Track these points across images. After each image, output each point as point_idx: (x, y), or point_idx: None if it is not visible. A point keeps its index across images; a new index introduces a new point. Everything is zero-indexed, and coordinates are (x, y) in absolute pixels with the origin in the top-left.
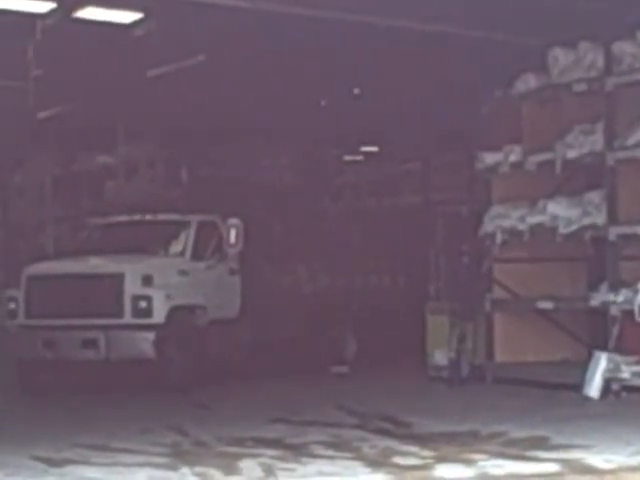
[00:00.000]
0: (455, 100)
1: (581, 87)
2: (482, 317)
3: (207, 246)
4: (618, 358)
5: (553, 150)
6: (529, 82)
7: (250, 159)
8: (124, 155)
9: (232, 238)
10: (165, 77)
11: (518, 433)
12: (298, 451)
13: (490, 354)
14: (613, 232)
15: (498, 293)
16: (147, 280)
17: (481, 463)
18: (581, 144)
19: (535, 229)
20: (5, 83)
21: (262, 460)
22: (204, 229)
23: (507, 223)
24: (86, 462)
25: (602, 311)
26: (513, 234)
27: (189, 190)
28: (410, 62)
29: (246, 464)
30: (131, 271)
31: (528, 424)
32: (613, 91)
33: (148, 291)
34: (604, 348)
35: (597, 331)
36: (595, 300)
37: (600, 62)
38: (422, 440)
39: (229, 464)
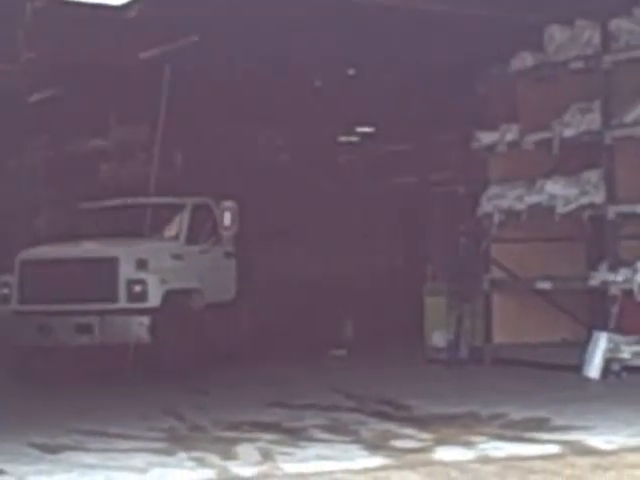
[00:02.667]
0: (451, 79)
1: (578, 65)
2: (480, 298)
3: (202, 229)
4: (618, 338)
5: (550, 129)
6: (525, 60)
7: (245, 141)
8: (118, 138)
9: (227, 221)
10: (158, 59)
11: (518, 414)
12: (296, 435)
13: (489, 335)
14: (612, 211)
15: (496, 273)
16: (142, 264)
17: (481, 445)
18: (578, 122)
19: (533, 209)
20: None
21: (260, 444)
22: (199, 212)
23: (505, 203)
24: (82, 448)
25: (601, 291)
26: (511, 214)
27: (183, 172)
28: (405, 41)
29: (244, 449)
30: (125, 255)
31: (528, 405)
32: (610, 69)
33: (143, 275)
34: (604, 328)
35: (596, 311)
36: (594, 280)
37: (597, 39)
38: (421, 423)
39: (226, 449)
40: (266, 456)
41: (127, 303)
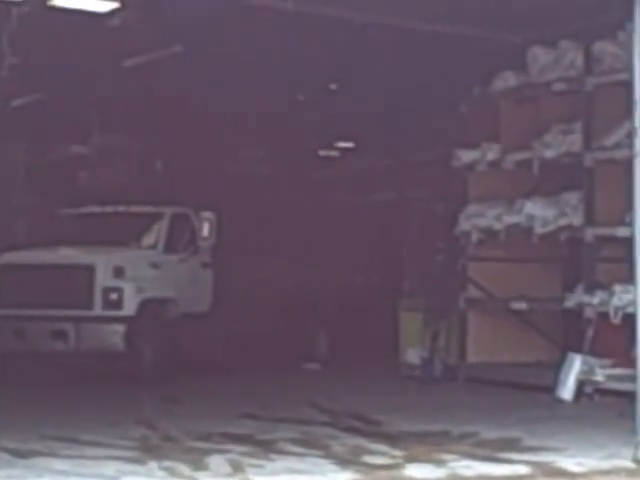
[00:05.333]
0: (433, 97)
1: (560, 86)
2: (456, 316)
3: (180, 239)
4: (592, 360)
5: (531, 149)
6: (508, 80)
7: (225, 152)
8: (98, 145)
9: (205, 231)
10: (141, 67)
11: (489, 434)
12: (267, 447)
13: (463, 353)
14: (589, 233)
15: (472, 292)
16: (118, 272)
17: (451, 464)
18: (559, 144)
19: (511, 229)
20: None
21: (231, 456)
22: (177, 222)
23: (483, 222)
24: (53, 454)
25: (577, 313)
26: (489, 233)
27: (163, 181)
28: (388, 58)
29: (214, 460)
30: (102, 262)
31: (500, 425)
32: (592, 91)
33: (119, 283)
34: (578, 350)
35: (571, 333)
36: (570, 301)
37: (580, 61)
38: (392, 439)
39: (197, 459)
40: (237, 468)
41: (103, 311)
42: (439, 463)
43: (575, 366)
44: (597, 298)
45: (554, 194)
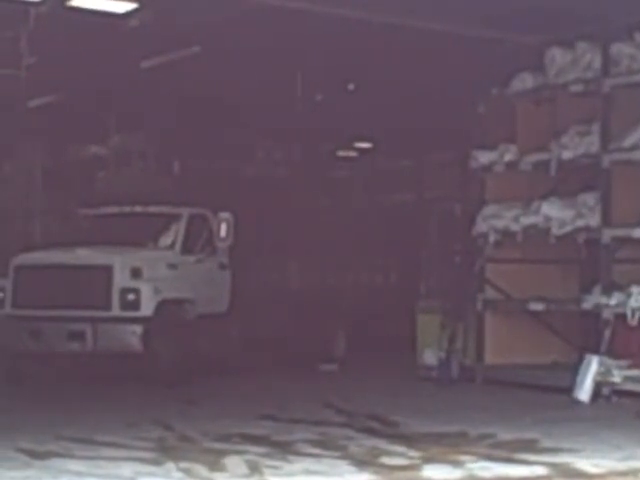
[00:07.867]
0: (451, 98)
1: (578, 88)
2: (473, 317)
3: (197, 240)
4: (609, 362)
5: (548, 150)
6: (526, 81)
7: (243, 152)
8: (116, 145)
9: (223, 232)
10: (159, 68)
11: (507, 435)
12: (284, 449)
13: (480, 355)
14: (607, 234)
15: (490, 293)
16: (136, 273)
17: (469, 465)
18: (576, 145)
19: (528, 230)
20: None
21: (248, 457)
22: (195, 222)
23: (500, 223)
24: (70, 455)
25: (594, 314)
26: (506, 234)
27: (180, 182)
28: (406, 59)
29: (232, 461)
30: (120, 263)
31: (517, 426)
32: (610, 92)
33: (137, 284)
34: (595, 351)
35: (589, 334)
36: (587, 303)
37: (597, 63)
38: (410, 440)
39: (215, 460)
40: (254, 469)
41: (120, 311)
42: (456, 464)
43: (592, 367)
44: (614, 299)
45: (571, 195)
